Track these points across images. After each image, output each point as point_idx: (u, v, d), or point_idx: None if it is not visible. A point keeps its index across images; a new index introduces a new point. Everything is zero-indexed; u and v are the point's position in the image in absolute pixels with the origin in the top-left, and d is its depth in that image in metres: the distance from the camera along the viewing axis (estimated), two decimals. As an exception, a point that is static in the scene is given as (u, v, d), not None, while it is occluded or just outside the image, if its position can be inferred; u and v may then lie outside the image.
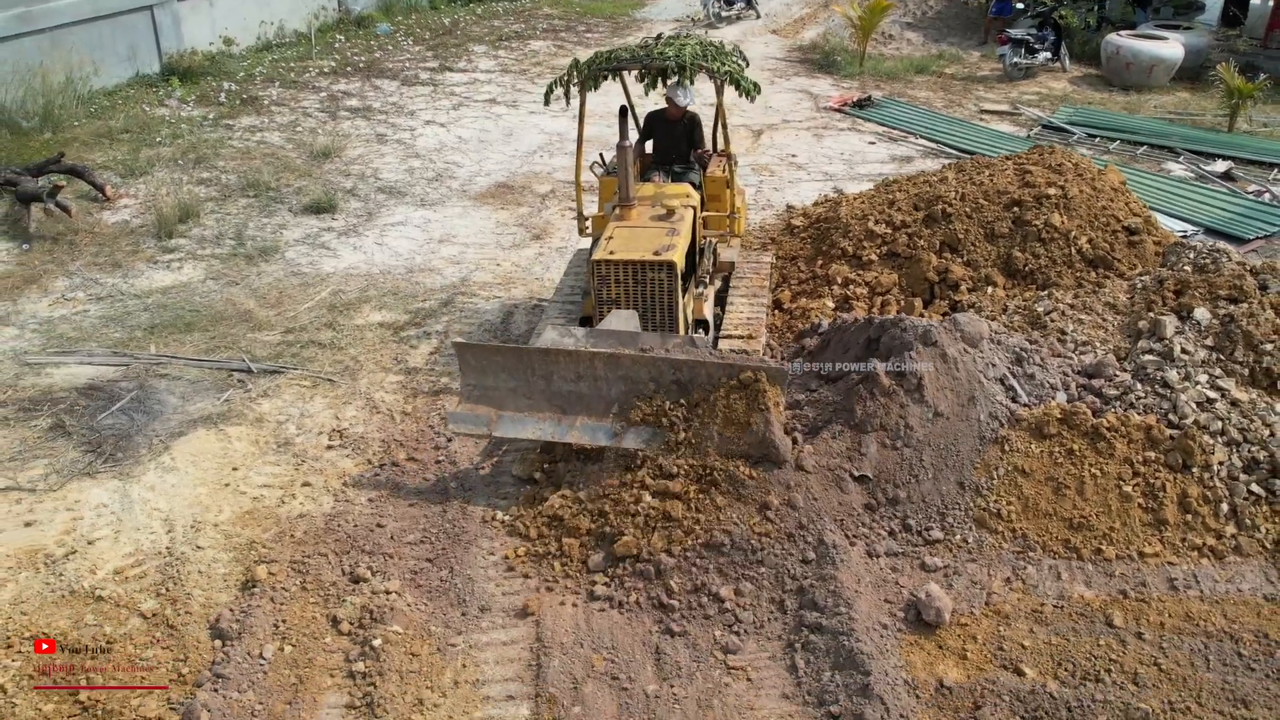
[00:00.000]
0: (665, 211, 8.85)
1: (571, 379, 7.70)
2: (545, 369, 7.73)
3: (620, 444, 7.48)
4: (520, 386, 7.80)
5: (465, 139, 15.70)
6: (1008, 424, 7.43)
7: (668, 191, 9.31)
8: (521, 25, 23.35)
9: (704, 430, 7.34)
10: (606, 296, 8.38)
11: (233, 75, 18.33)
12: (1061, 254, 9.82)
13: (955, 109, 17.47)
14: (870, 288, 10.13)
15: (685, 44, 9.21)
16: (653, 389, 7.56)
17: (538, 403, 7.76)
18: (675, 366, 7.51)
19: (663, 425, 7.46)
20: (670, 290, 8.27)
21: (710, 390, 7.42)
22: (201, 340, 9.97)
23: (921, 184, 11.17)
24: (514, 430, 7.73)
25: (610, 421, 7.58)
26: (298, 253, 11.90)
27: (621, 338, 7.85)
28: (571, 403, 7.70)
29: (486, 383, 7.88)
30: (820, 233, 11.29)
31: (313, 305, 10.68)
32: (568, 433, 7.63)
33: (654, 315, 8.37)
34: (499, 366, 7.85)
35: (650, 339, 7.83)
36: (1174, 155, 15.19)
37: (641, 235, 8.53)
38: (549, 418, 7.70)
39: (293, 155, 14.86)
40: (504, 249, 12.03)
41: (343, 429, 8.64)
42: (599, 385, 7.67)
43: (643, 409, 7.52)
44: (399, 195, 13.54)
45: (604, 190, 10.00)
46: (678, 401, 7.48)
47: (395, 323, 10.33)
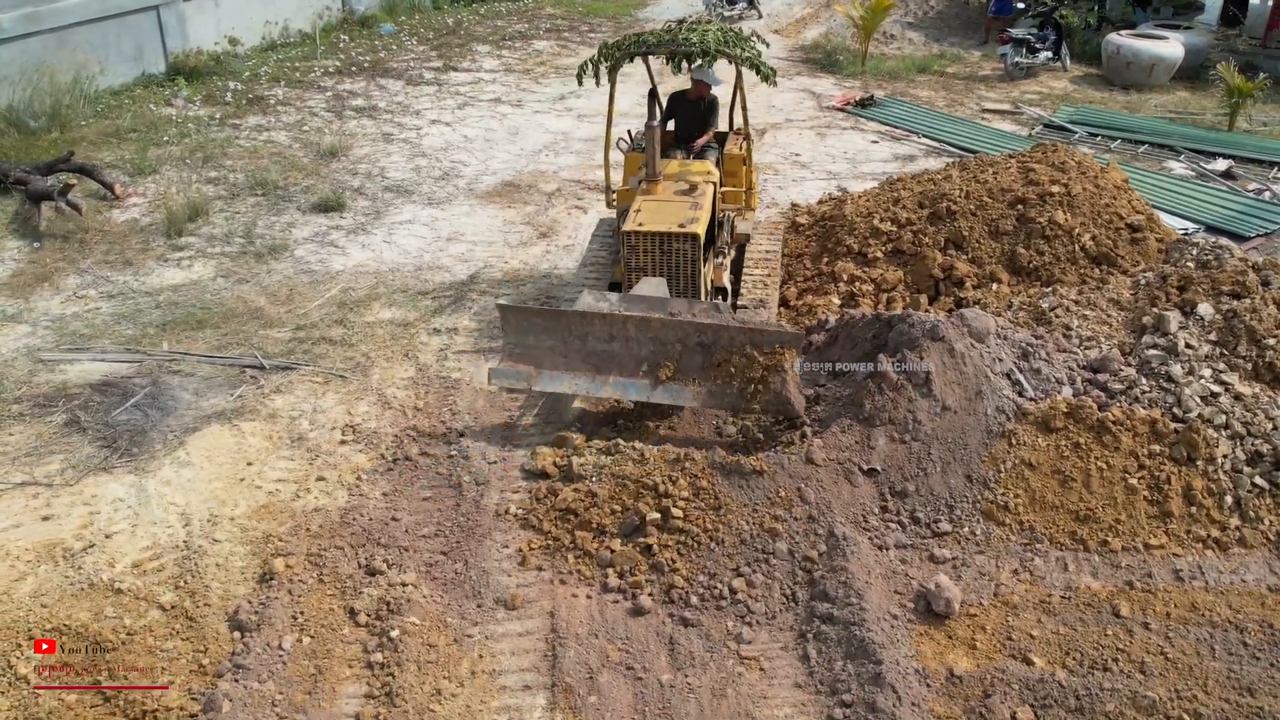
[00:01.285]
0: (688, 186, 9.50)
1: (605, 339, 8.33)
2: (581, 330, 8.38)
3: (652, 399, 8.28)
4: (558, 345, 8.44)
5: (471, 138, 15.79)
6: (1014, 418, 7.52)
7: (691, 168, 9.88)
8: (525, 25, 23.44)
9: (725, 388, 8.08)
10: (636, 264, 9.01)
11: (238, 75, 18.42)
12: (1065, 251, 9.91)
13: (957, 108, 17.57)
14: (876, 285, 10.22)
15: (708, 29, 9.74)
16: (679, 349, 8.21)
17: (573, 361, 8.41)
18: (700, 330, 8.15)
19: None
20: (694, 260, 8.90)
21: (732, 352, 8.09)
22: (213, 337, 10.06)
23: (926, 182, 11.26)
24: (552, 385, 8.45)
25: (641, 378, 8.26)
26: (307, 251, 11.98)
27: (652, 303, 8.50)
28: (605, 361, 8.35)
29: (527, 342, 8.52)
30: (826, 230, 11.38)
31: (323, 303, 10.77)
32: (602, 388, 8.36)
33: (678, 281, 9.00)
34: (538, 327, 8.50)
35: (678, 304, 8.46)
36: (1175, 154, 15.29)
37: (667, 208, 9.15)
38: (584, 374, 8.38)
39: (299, 154, 14.95)
40: (511, 247, 12.12)
41: (355, 424, 8.73)
42: (630, 345, 8.30)
43: (670, 367, 8.21)
44: (406, 194, 13.63)
45: (629, 165, 10.42)
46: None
47: (405, 320, 10.41)
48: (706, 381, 8.20)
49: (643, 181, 9.60)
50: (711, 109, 10.67)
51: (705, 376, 8.21)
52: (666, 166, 9.87)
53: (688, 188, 9.51)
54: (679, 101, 10.75)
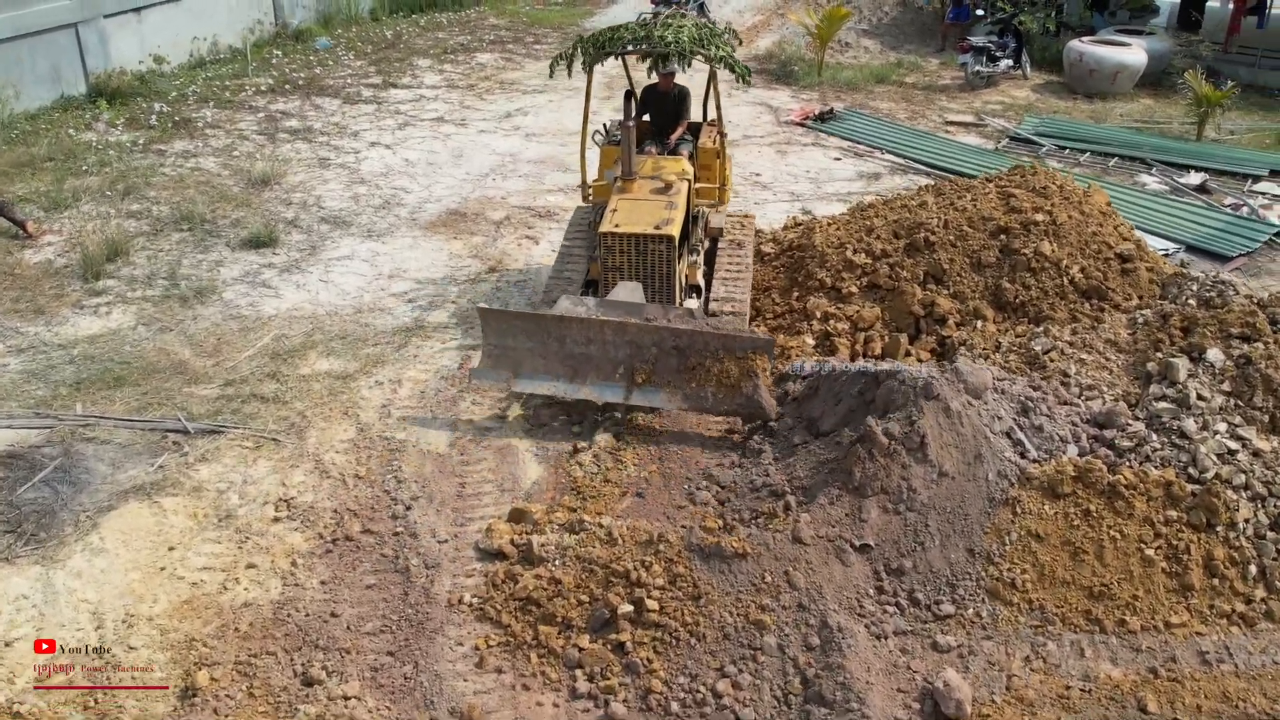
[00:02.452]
0: (664, 185, 9.59)
1: (582, 342, 8.56)
2: (559, 333, 8.58)
3: (629, 401, 8.48)
4: (536, 347, 8.65)
5: (412, 162, 14.93)
6: (1018, 483, 6.86)
7: (665, 166, 9.99)
8: (467, 37, 22.55)
9: (700, 390, 8.35)
10: (611, 264, 9.19)
11: (164, 95, 17.40)
12: (1053, 284, 9.29)
13: (919, 120, 16.97)
14: (852, 323, 9.54)
15: (682, 27, 9.81)
16: (655, 353, 8.46)
17: (551, 363, 8.65)
18: (676, 335, 8.42)
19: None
20: (669, 260, 9.10)
21: (706, 356, 8.38)
22: (133, 396, 9.16)
23: (899, 209, 10.61)
24: (530, 386, 8.70)
25: (618, 380, 8.50)
26: (236, 293, 11.10)
27: (629, 307, 8.68)
28: (582, 364, 8.60)
29: (506, 343, 8.72)
30: (794, 261, 10.70)
31: (253, 353, 9.90)
32: (579, 390, 8.59)
33: (653, 281, 9.18)
34: (518, 329, 8.70)
35: (654, 310, 8.70)
36: (1146, 167, 14.78)
37: (642, 208, 9.31)
38: (562, 377, 8.64)
39: (229, 183, 14.01)
40: (459, 284, 11.31)
41: (290, 498, 7.89)
42: (607, 349, 8.54)
43: (646, 371, 8.45)
44: (344, 225, 12.76)
45: (604, 158, 10.59)
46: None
47: (345, 372, 9.57)
48: (681, 385, 8.43)
49: (618, 180, 9.71)
50: (683, 100, 10.78)
51: (680, 380, 8.44)
52: (642, 165, 9.94)
53: (663, 186, 9.59)
54: (651, 94, 10.82)
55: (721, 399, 8.35)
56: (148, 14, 18.22)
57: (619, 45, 9.82)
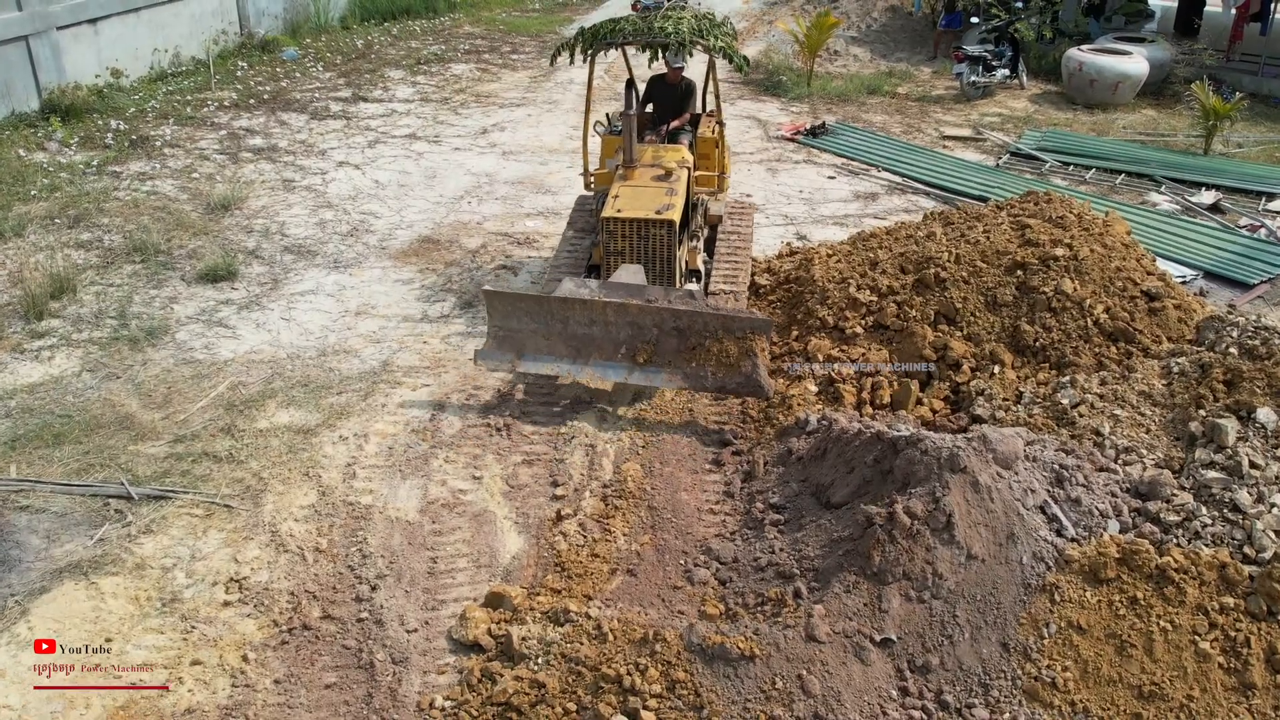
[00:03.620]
0: (664, 172, 9.77)
1: (585, 324, 8.75)
2: (563, 314, 8.78)
3: (630, 380, 8.73)
4: (540, 329, 8.85)
5: (383, 183, 14.11)
6: (1055, 566, 6.12)
7: (666, 154, 10.13)
8: (441, 46, 21.72)
9: (700, 370, 8.54)
10: (614, 249, 9.39)
11: (122, 111, 16.52)
12: (1076, 326, 8.56)
13: (915, 134, 16.24)
14: (858, 367, 8.80)
15: (682, 18, 10.03)
16: (656, 334, 8.64)
17: (555, 344, 8.85)
18: (676, 315, 8.58)
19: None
20: (669, 244, 9.28)
21: (705, 337, 8.56)
22: (73, 456, 8.34)
23: (905, 240, 9.88)
24: (535, 367, 8.91)
25: (620, 360, 8.70)
26: (190, 333, 10.27)
27: (630, 289, 8.85)
28: (585, 344, 8.80)
29: (511, 325, 8.94)
30: (793, 296, 9.98)
31: (207, 404, 9.08)
32: (582, 371, 8.84)
33: (654, 265, 9.36)
34: (523, 311, 8.89)
35: (655, 291, 8.83)
36: (1155, 185, 14.09)
37: (644, 194, 9.48)
38: (565, 357, 8.84)
39: (187, 208, 13.17)
40: (431, 321, 10.51)
41: (242, 577, 7.09)
42: (610, 329, 8.73)
43: (647, 351, 8.64)
44: (309, 255, 11.94)
45: (605, 147, 10.83)
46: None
47: (306, 425, 8.77)
48: (682, 365, 8.60)
49: (620, 168, 9.88)
50: (689, 92, 11.01)
51: (681, 360, 8.61)
52: (643, 153, 10.10)
53: (663, 173, 9.76)
54: (657, 85, 11.00)
55: (721, 378, 8.54)
56: (104, 25, 17.34)
57: (620, 36, 10.03)
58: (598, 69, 11.59)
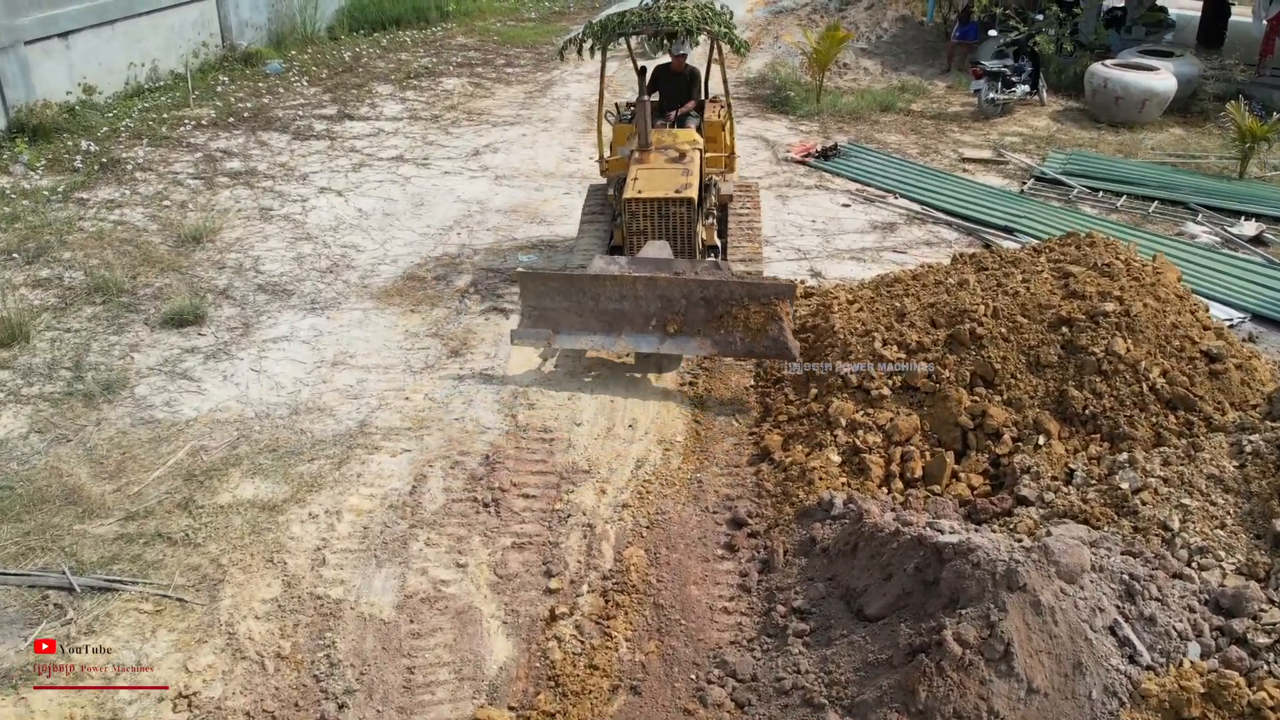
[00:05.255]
0: (678, 154, 10.28)
1: (616, 299, 9.12)
2: (594, 291, 9.14)
3: (662, 349, 9.15)
4: (573, 306, 9.19)
5: (366, 212, 13.20)
6: (1130, 701, 5.25)
7: (677, 137, 10.61)
8: (432, 59, 20.79)
9: (729, 336, 8.93)
10: (636, 228, 9.85)
11: (94, 131, 15.62)
12: (1130, 392, 7.67)
13: (932, 156, 15.33)
14: (885, 435, 7.92)
15: (685, 7, 10.44)
16: (684, 305, 9.03)
17: (588, 319, 9.20)
18: (704, 286, 8.97)
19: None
20: (690, 221, 9.78)
21: (732, 304, 8.94)
22: (11, 536, 7.45)
23: (934, 287, 9.00)
24: (570, 343, 9.29)
25: (651, 331, 9.10)
26: (151, 387, 9.38)
27: (658, 263, 9.24)
28: (616, 318, 9.17)
29: (544, 304, 9.26)
30: (810, 347, 9.11)
31: (164, 473, 8.19)
32: (616, 343, 9.19)
33: (675, 242, 9.80)
34: (555, 290, 9.23)
35: (682, 264, 9.23)
36: (1190, 213, 13.19)
37: (661, 175, 9.96)
38: (599, 331, 9.20)
39: (156, 240, 12.26)
40: (414, 373, 9.62)
41: (192, 692, 6.19)
42: (640, 302, 9.10)
43: (677, 321, 9.05)
44: (283, 295, 11.03)
45: (616, 135, 11.29)
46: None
47: (272, 500, 7.87)
48: (710, 332, 8.99)
49: (635, 151, 10.30)
50: (694, 80, 11.54)
51: (709, 328, 9.00)
52: (656, 137, 10.47)
53: (677, 155, 10.25)
54: (663, 74, 11.42)
55: (749, 343, 8.90)
56: (76, 39, 16.43)
57: (628, 27, 10.48)
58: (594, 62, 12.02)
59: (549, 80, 19.55)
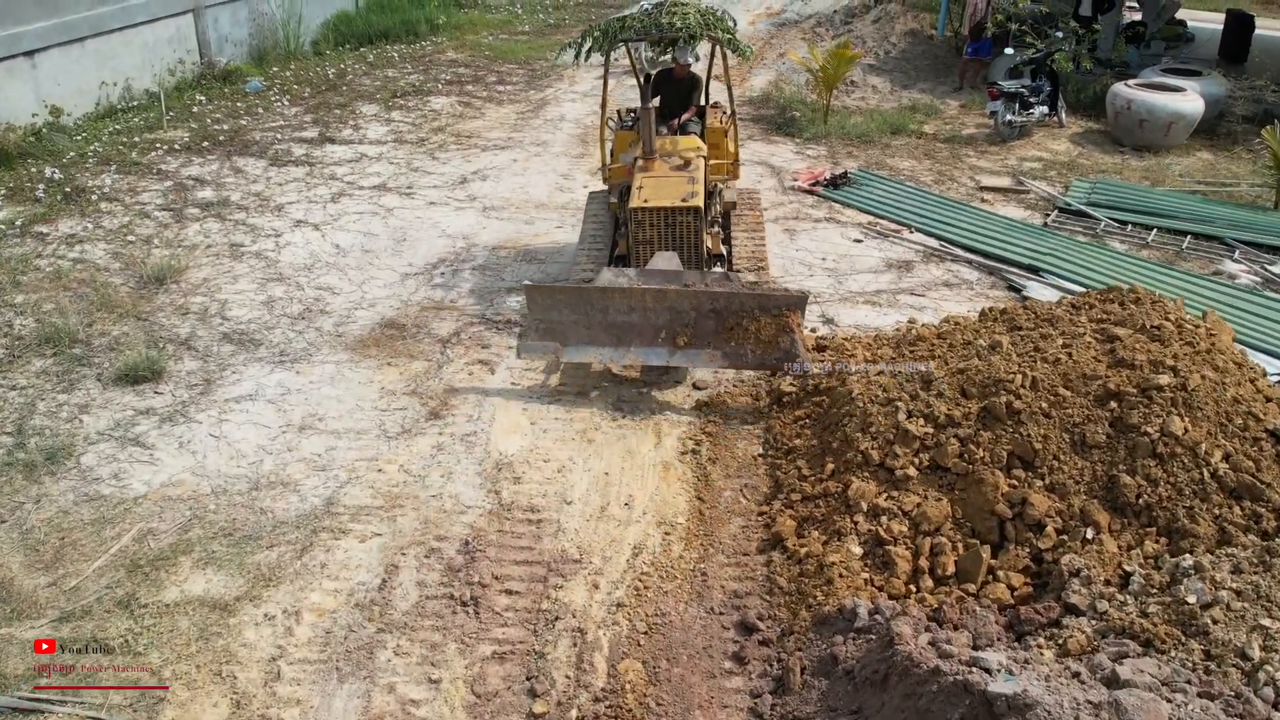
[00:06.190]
0: (682, 162, 10.22)
1: (625, 311, 8.94)
2: (603, 303, 8.94)
3: (672, 362, 8.97)
4: (581, 319, 9.00)
5: (344, 249, 12.31)
6: None
7: (681, 144, 10.54)
8: (420, 76, 19.90)
9: (740, 348, 8.79)
10: (643, 237, 9.76)
11: (60, 156, 14.74)
12: (1189, 479, 6.80)
13: (948, 184, 14.45)
14: (912, 522, 7.05)
15: (688, 12, 10.23)
16: (694, 316, 8.88)
17: (596, 332, 9.01)
18: (713, 298, 8.82)
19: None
20: (696, 229, 9.72)
21: (743, 316, 8.81)
22: (-73, 644, 6.60)
23: (963, 349, 8.15)
24: (578, 355, 9.09)
25: (660, 344, 8.91)
26: (99, 456, 8.52)
27: (667, 275, 9.09)
28: (625, 331, 8.98)
29: (552, 317, 9.04)
30: (825, 416, 8.29)
31: (106, 562, 7.33)
32: (625, 356, 9.03)
33: (683, 250, 9.72)
34: (562, 303, 9.01)
35: (691, 276, 9.09)
36: (1226, 249, 12.32)
37: (666, 184, 9.89)
38: (608, 344, 9.01)
39: (117, 281, 11.39)
40: (389, 438, 8.75)
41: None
42: (649, 315, 8.93)
43: (687, 334, 8.89)
44: (250, 346, 10.16)
45: (618, 142, 11.15)
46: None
47: (224, 597, 7.00)
48: (721, 344, 8.84)
49: (639, 159, 10.23)
50: (695, 85, 11.35)
51: (719, 340, 8.85)
52: (660, 145, 10.40)
53: (682, 163, 10.20)
54: (664, 79, 11.22)
55: (760, 354, 8.76)
56: (43, 58, 15.58)
57: (630, 33, 10.33)
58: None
59: (542, 99, 18.66)
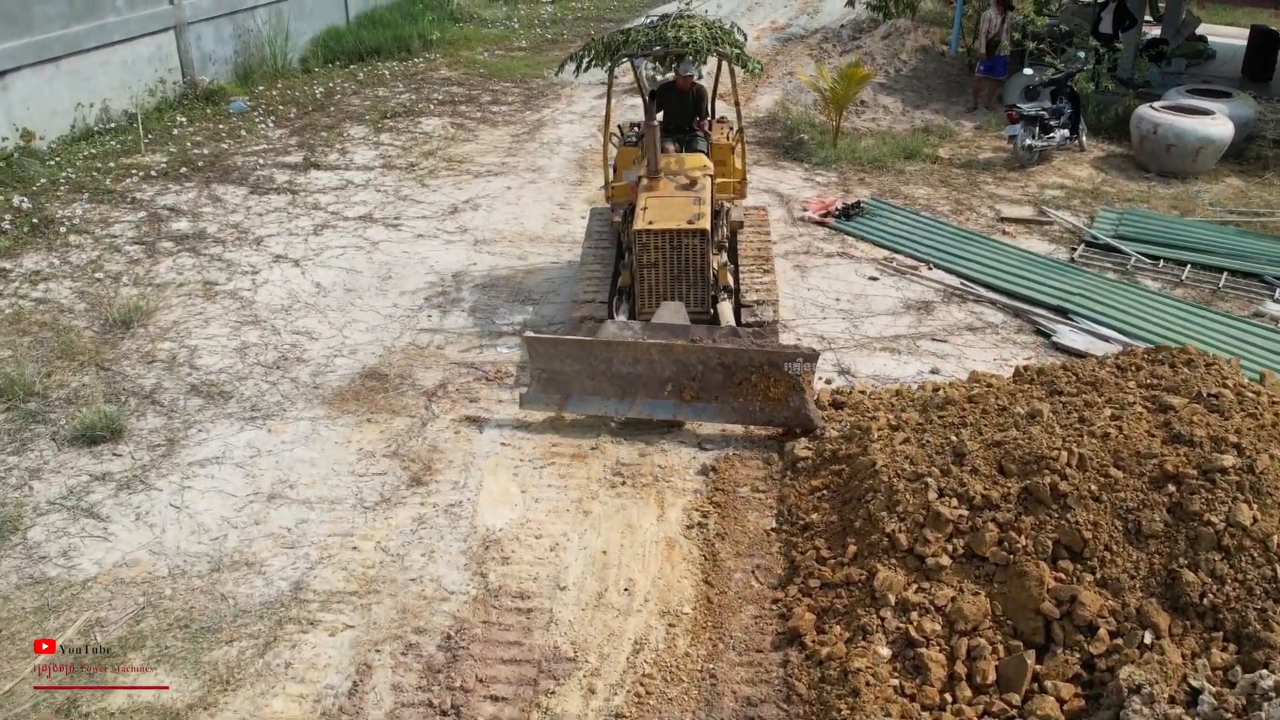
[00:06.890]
0: (688, 181, 9.91)
1: (630, 363, 8.66)
2: (606, 355, 8.68)
3: (679, 417, 8.62)
4: (584, 370, 8.72)
5: (325, 287, 11.53)
6: None
7: (687, 162, 10.23)
8: (412, 95, 19.12)
9: (749, 405, 8.51)
10: (646, 261, 9.45)
11: (31, 183, 13.98)
12: (1260, 576, 6.03)
13: (966, 214, 13.66)
14: (947, 619, 6.29)
15: (694, 26, 9.97)
16: (701, 370, 8.58)
17: (600, 383, 8.71)
18: (721, 353, 8.55)
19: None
20: (703, 253, 9.40)
21: (751, 372, 8.49)
22: None
23: (998, 417, 7.38)
24: (582, 408, 8.74)
25: (667, 397, 8.62)
26: (48, 530, 7.75)
27: (673, 329, 8.86)
28: (630, 382, 8.68)
29: (554, 368, 8.78)
30: (844, 485, 7.52)
31: (47, 660, 6.55)
32: (630, 408, 8.66)
33: (687, 275, 9.46)
34: (565, 355, 8.75)
35: (699, 331, 8.84)
36: (1266, 287, 11.56)
37: (672, 205, 9.57)
38: (612, 396, 8.70)
39: (80, 324, 10.63)
40: (366, 509, 7.98)
41: None
42: (654, 367, 8.65)
43: (694, 388, 8.60)
44: (219, 400, 9.39)
45: (622, 159, 10.80)
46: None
47: (174, 705, 6.22)
48: (729, 399, 8.57)
49: (643, 178, 9.95)
50: (701, 97, 10.98)
51: (727, 395, 8.58)
52: (665, 162, 10.08)
53: (688, 182, 9.90)
54: (668, 91, 10.96)
55: (769, 412, 8.50)
56: (14, 79, 14.83)
57: (634, 47, 10.05)
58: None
59: (539, 120, 17.89)
